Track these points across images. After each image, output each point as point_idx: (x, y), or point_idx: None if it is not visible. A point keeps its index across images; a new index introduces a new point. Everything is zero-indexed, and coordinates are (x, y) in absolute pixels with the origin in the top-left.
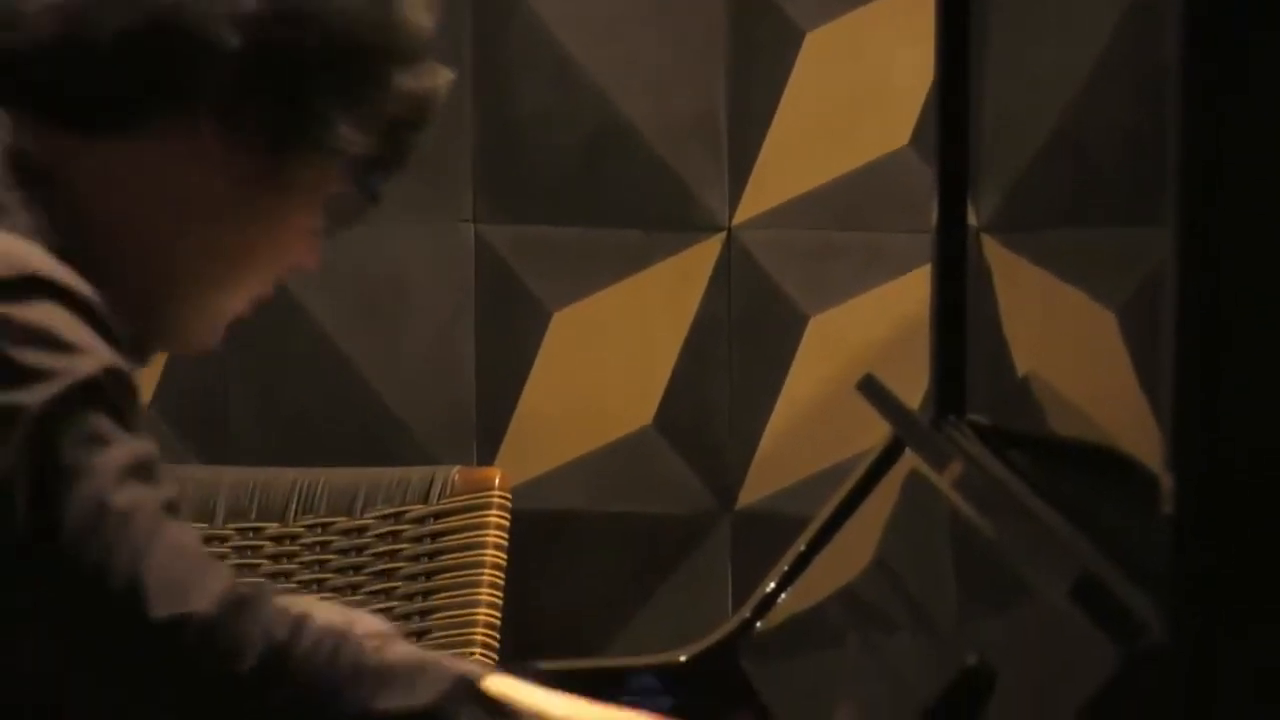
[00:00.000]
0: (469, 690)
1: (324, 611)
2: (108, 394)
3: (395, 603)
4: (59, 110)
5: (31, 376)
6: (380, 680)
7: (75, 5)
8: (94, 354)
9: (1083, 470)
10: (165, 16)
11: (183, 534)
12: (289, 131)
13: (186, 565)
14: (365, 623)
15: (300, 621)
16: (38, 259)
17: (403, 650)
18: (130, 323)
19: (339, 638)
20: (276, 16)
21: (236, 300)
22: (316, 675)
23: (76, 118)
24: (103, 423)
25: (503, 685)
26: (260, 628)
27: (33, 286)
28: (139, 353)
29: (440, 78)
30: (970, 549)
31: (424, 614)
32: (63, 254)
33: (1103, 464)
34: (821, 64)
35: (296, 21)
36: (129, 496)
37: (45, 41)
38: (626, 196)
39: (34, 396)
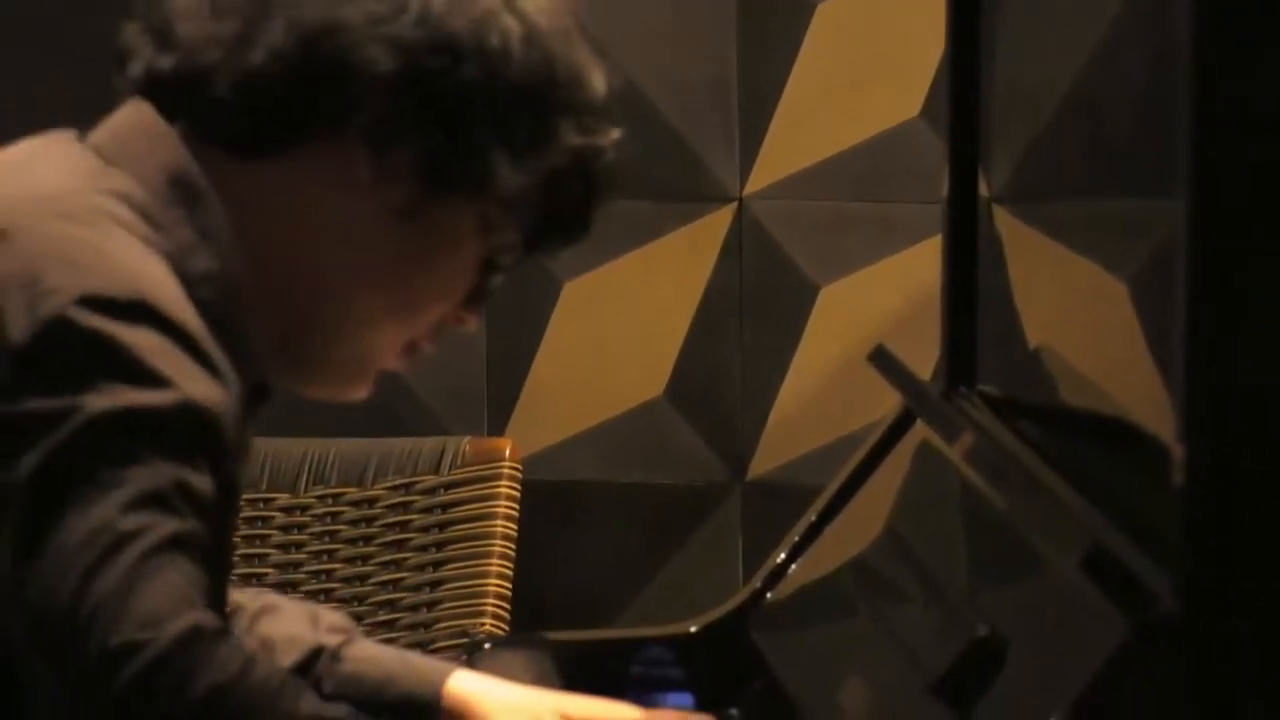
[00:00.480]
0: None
1: (289, 612)
2: (173, 430)
3: (406, 573)
4: (216, 130)
5: (104, 390)
6: None
7: (233, 24)
8: (176, 388)
9: (1094, 441)
10: (318, 37)
11: (175, 571)
12: (442, 163)
13: (161, 601)
14: (329, 619)
15: (247, 665)
16: (154, 284)
17: (354, 671)
18: (275, 358)
19: (279, 686)
20: (433, 44)
21: (387, 341)
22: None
23: (232, 138)
24: (150, 453)
25: (467, 684)
26: (207, 667)
27: (138, 310)
28: (263, 394)
29: (609, 138)
30: (981, 520)
31: (434, 584)
32: (210, 278)
33: (1114, 435)
34: (833, 35)
35: (453, 51)
36: (135, 522)
37: (203, 61)
38: (638, 167)
39: (95, 404)
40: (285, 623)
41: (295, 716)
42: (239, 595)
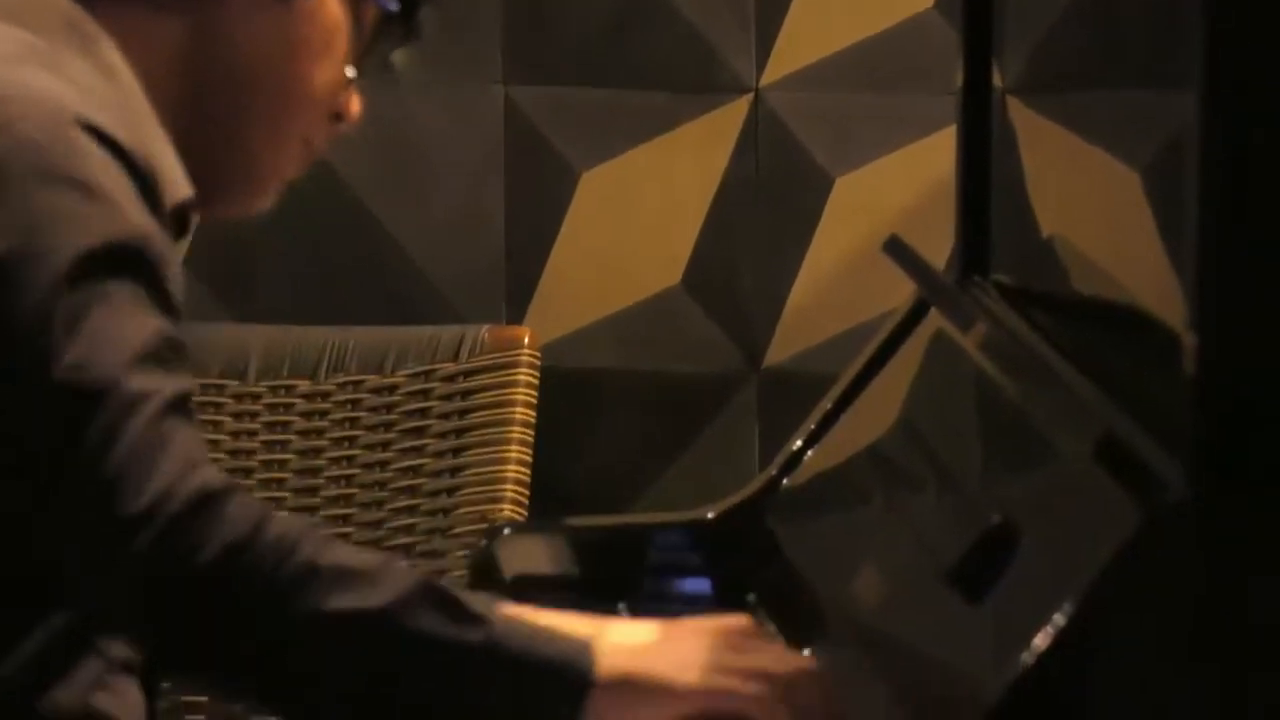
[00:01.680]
0: (430, 593)
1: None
2: (144, 260)
3: (426, 460)
4: None
5: (65, 223)
6: (335, 581)
7: None
8: (132, 215)
9: (1106, 330)
10: None
11: (181, 435)
12: None
13: (170, 467)
14: None
15: (262, 521)
16: (82, 104)
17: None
18: (191, 178)
19: (298, 537)
20: None
21: (287, 145)
22: (271, 575)
23: None
24: (133, 293)
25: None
26: (221, 527)
27: (77, 133)
28: (183, 223)
29: None
30: (994, 408)
31: (454, 471)
32: (117, 114)
33: (1126, 324)
34: None
35: None
36: (140, 384)
37: None
38: (654, 58)
39: (66, 245)
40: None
41: (317, 566)
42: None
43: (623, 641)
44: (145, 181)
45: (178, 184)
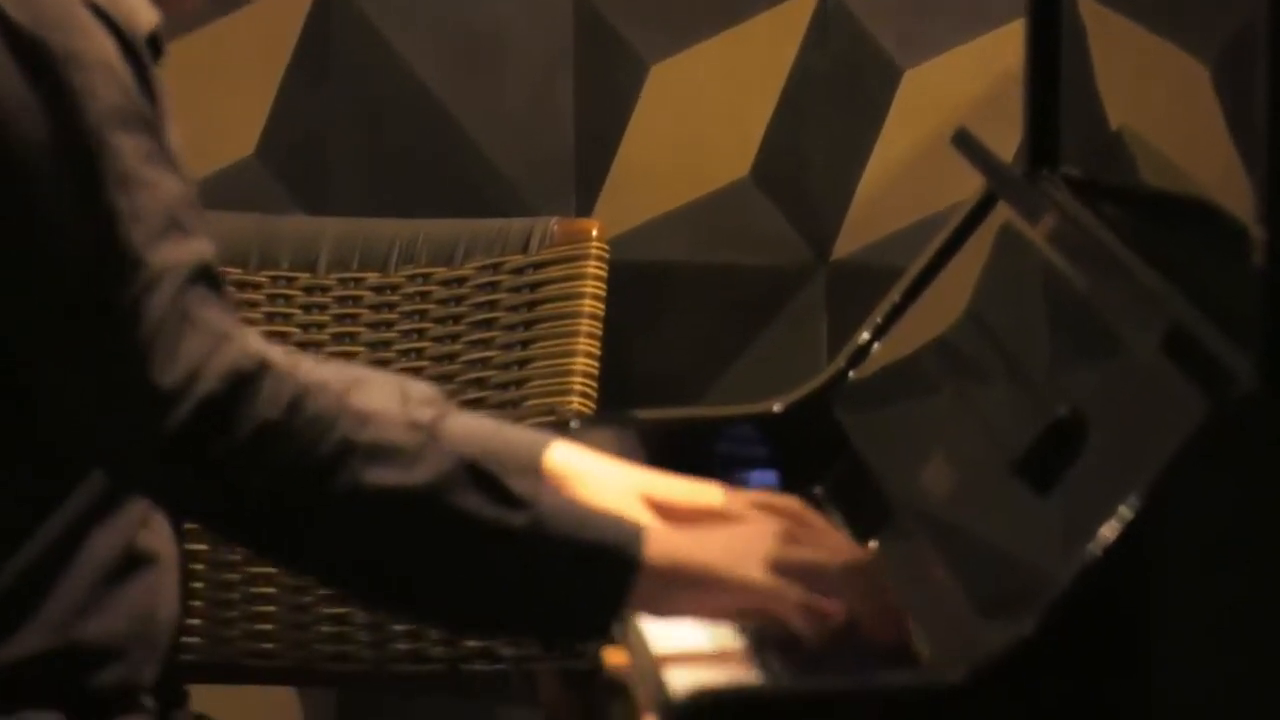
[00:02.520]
0: (473, 473)
1: (377, 385)
2: (147, 120)
3: (494, 352)
4: None
5: (82, 96)
6: (374, 457)
7: None
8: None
9: (1174, 223)
10: None
11: (209, 307)
12: None
13: (202, 341)
14: (419, 391)
15: (299, 398)
16: None
17: (424, 424)
18: None
19: (337, 414)
20: None
21: None
22: (308, 452)
23: None
24: (147, 152)
25: (567, 460)
26: (254, 406)
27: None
28: (158, 46)
29: None
30: (1062, 301)
31: (522, 363)
32: None
33: (1194, 217)
34: None
35: None
36: (164, 257)
37: None
38: None
39: (83, 114)
40: (374, 396)
41: (355, 443)
42: (323, 371)
43: (674, 530)
44: (125, 37)
45: (142, 11)
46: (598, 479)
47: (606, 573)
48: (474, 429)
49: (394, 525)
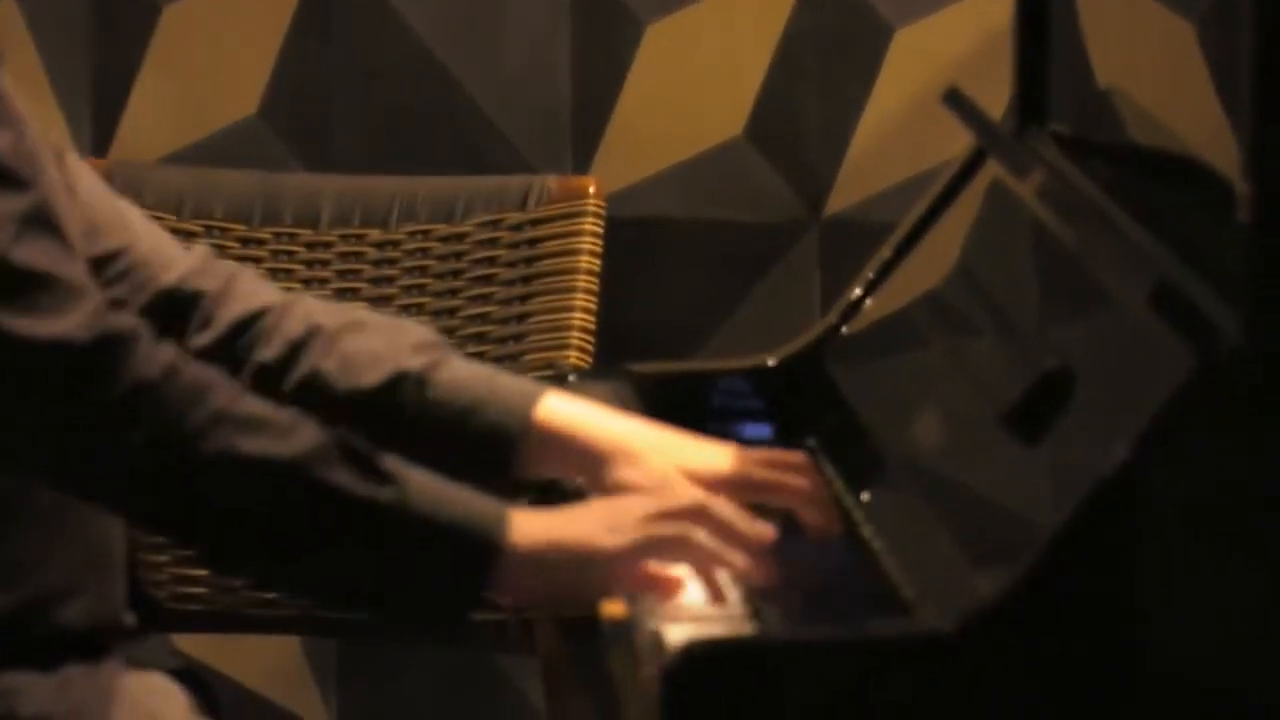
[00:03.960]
0: (342, 449)
1: (374, 328)
2: None
3: (493, 307)
4: None
5: None
6: (245, 427)
7: None
8: None
9: (1161, 179)
10: None
11: (41, 253)
12: None
13: (52, 292)
14: (416, 336)
15: (174, 366)
16: None
17: (437, 397)
18: None
19: (210, 384)
20: None
21: None
22: (180, 415)
23: None
24: None
25: (560, 410)
26: (130, 363)
27: None
28: None
29: None
30: (1050, 256)
31: (521, 318)
32: None
33: (1181, 173)
34: None
35: None
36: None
37: None
38: None
39: None
40: (370, 339)
41: (229, 412)
42: (322, 314)
43: (543, 512)
44: None
45: None
46: (584, 431)
47: (469, 551)
48: (463, 379)
49: (262, 493)
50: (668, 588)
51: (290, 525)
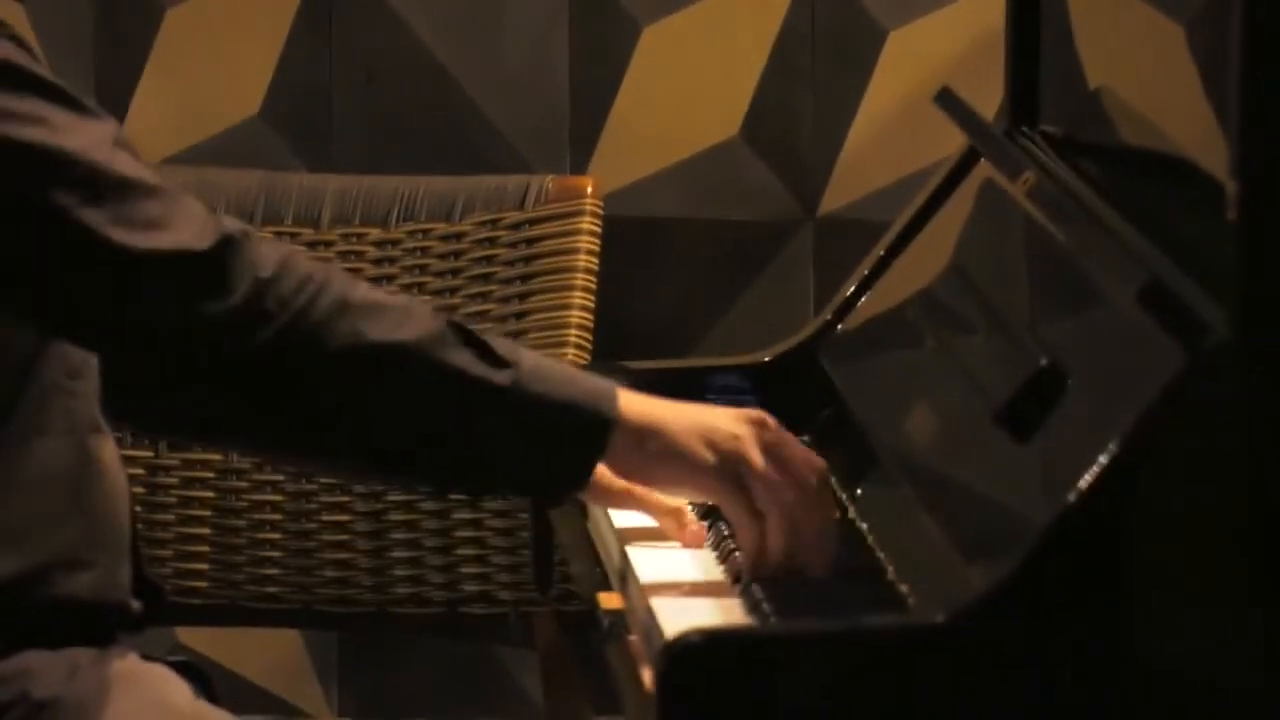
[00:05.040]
0: (459, 332)
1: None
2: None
3: (492, 305)
4: None
5: None
6: (367, 314)
7: None
8: None
9: (1151, 178)
10: None
11: (140, 166)
12: None
13: (160, 201)
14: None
15: (287, 259)
16: None
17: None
18: None
19: (327, 274)
20: None
21: None
22: (304, 308)
23: None
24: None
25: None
26: (246, 264)
27: None
28: None
29: None
30: (1042, 254)
31: (519, 315)
32: None
33: (1170, 172)
34: None
35: None
36: (80, 137)
37: None
38: None
39: None
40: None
41: (348, 300)
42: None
43: (653, 400)
44: None
45: None
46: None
47: (583, 427)
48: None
49: (387, 376)
50: (692, 538)
51: (420, 409)
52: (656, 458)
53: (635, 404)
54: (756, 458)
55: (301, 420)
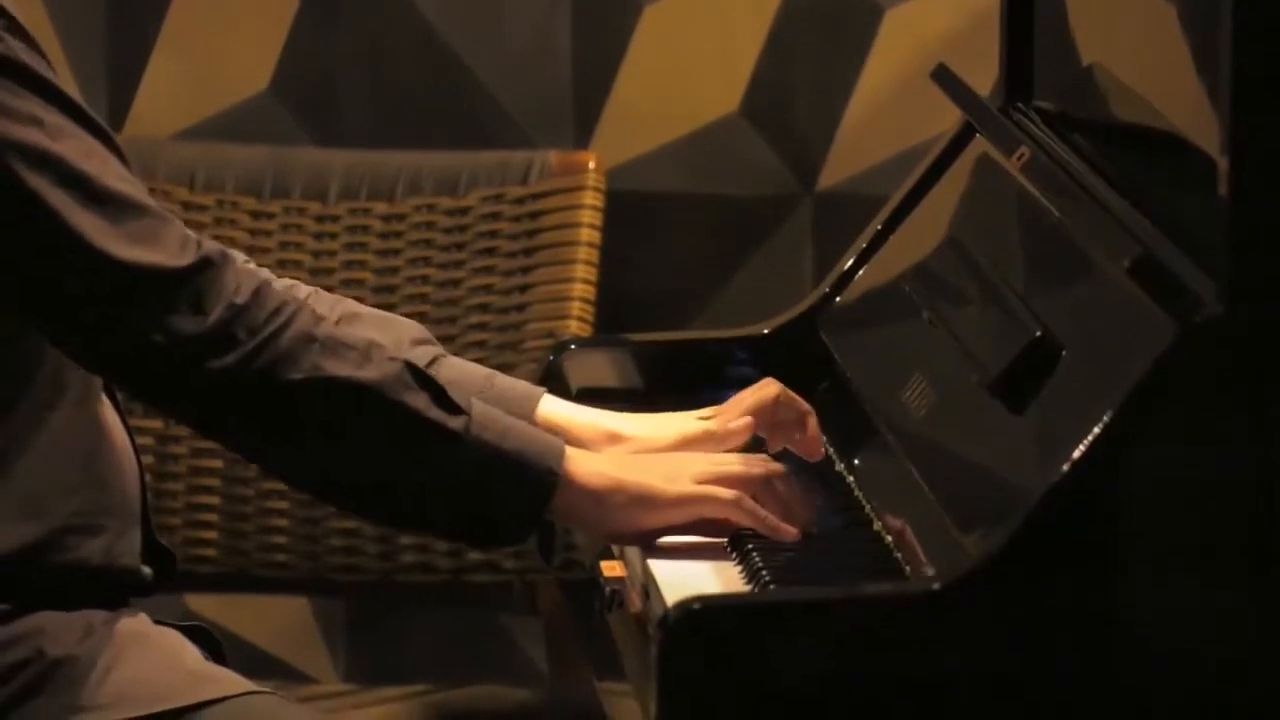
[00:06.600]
0: (416, 376)
1: (370, 320)
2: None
3: (496, 279)
4: None
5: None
6: (331, 350)
7: None
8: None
9: (1143, 154)
10: None
11: (130, 183)
12: None
13: (146, 218)
14: (411, 332)
15: (261, 288)
16: None
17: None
18: None
19: (297, 308)
20: None
21: None
22: (271, 336)
23: None
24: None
25: (557, 411)
26: (223, 288)
27: None
28: None
29: None
30: (1036, 228)
31: (523, 289)
32: None
33: (1162, 148)
34: None
35: None
36: (76, 145)
37: None
38: None
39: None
40: (368, 331)
41: (314, 335)
42: (316, 304)
43: (602, 456)
44: None
45: None
46: (577, 425)
47: (529, 479)
48: (465, 377)
49: (346, 416)
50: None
51: (372, 448)
52: (625, 512)
53: (589, 460)
54: (718, 470)
55: (256, 444)
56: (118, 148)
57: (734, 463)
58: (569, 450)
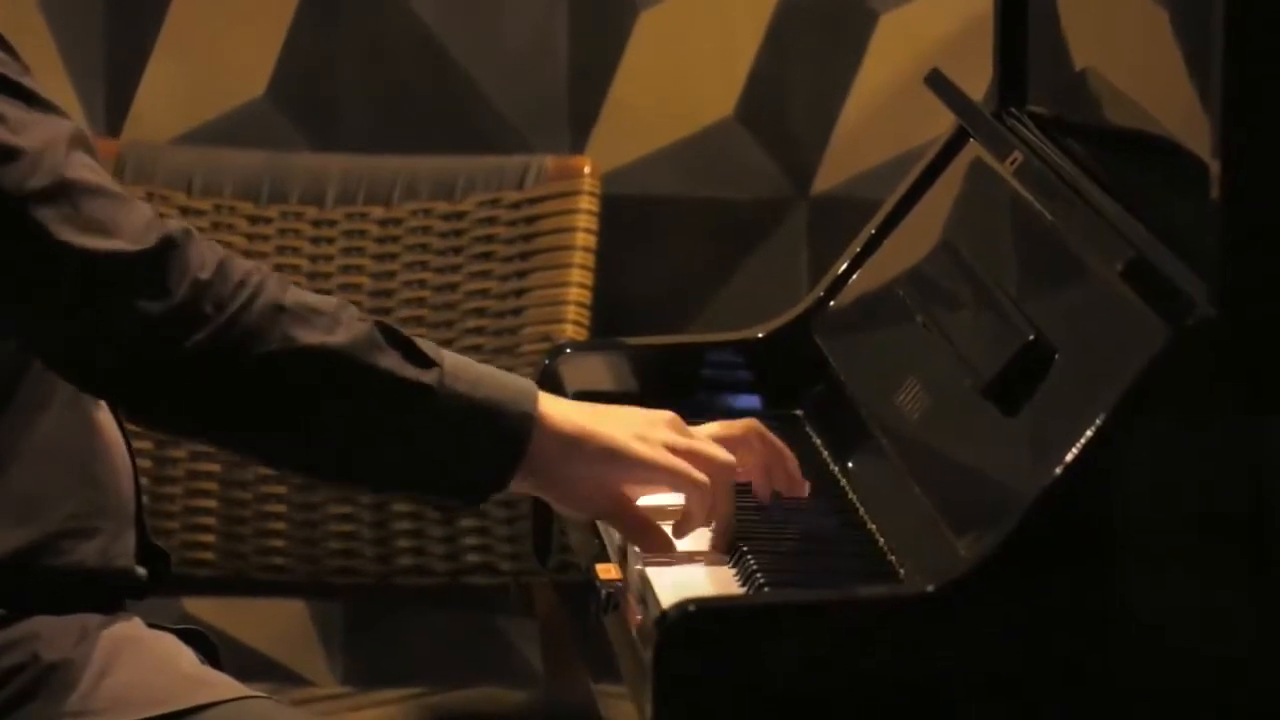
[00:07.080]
0: (386, 334)
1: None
2: None
3: (492, 283)
4: None
5: None
6: (300, 318)
7: None
8: None
9: (1135, 158)
10: None
11: (91, 170)
12: None
13: (108, 202)
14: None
15: (224, 260)
16: None
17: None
18: None
19: (262, 277)
20: None
21: None
22: (240, 310)
23: None
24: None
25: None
26: (186, 265)
27: None
28: None
29: None
30: (1029, 232)
31: (519, 293)
32: None
33: (1154, 152)
34: None
35: None
36: (37, 135)
37: None
38: None
39: None
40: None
41: (282, 303)
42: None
43: (574, 403)
44: None
45: None
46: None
47: (506, 424)
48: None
49: (318, 379)
50: (657, 539)
51: (348, 411)
52: (589, 466)
53: (562, 407)
54: (692, 445)
55: (236, 422)
56: (79, 133)
57: (707, 442)
58: (541, 394)
